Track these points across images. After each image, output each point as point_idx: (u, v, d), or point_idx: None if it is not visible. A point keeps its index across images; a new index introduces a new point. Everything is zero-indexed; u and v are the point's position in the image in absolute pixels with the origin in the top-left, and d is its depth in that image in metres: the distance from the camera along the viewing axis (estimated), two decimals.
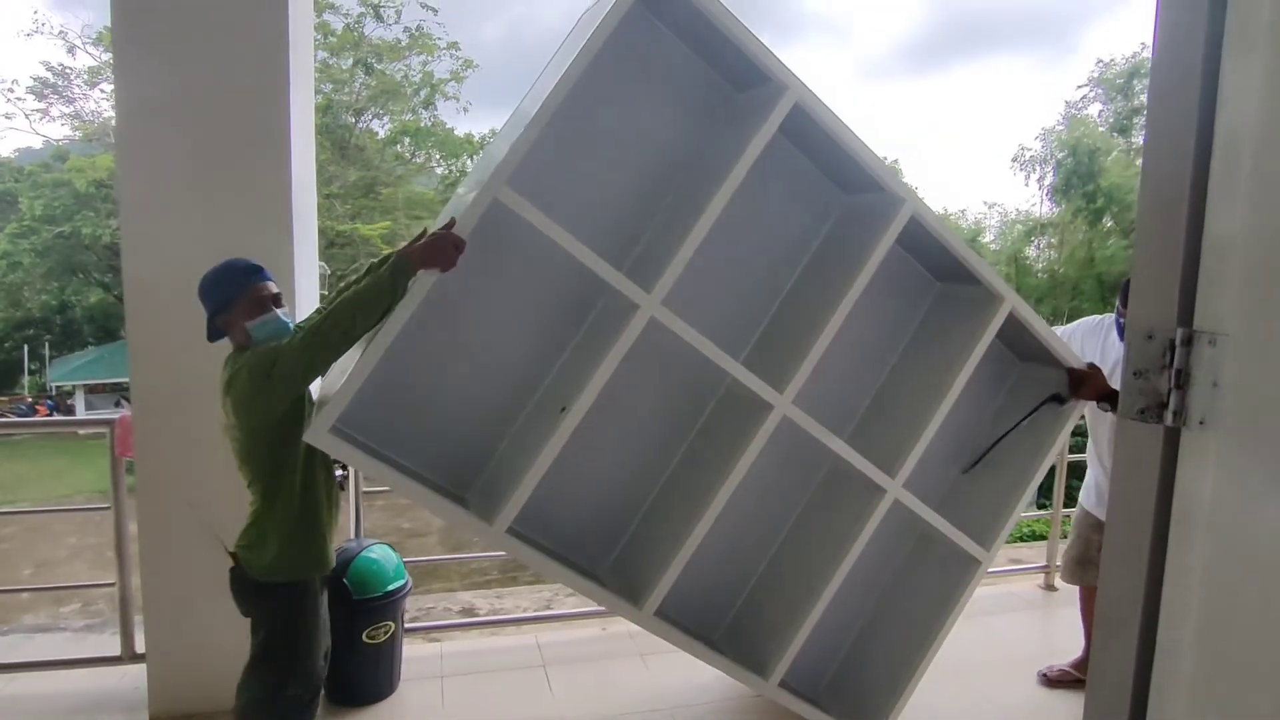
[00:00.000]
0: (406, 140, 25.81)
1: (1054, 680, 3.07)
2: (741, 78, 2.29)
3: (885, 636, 2.69)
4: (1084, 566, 2.97)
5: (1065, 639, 3.42)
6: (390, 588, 2.84)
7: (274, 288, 2.09)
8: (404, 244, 1.98)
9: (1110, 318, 2.92)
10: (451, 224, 1.90)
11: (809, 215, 2.51)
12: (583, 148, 2.21)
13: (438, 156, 26.63)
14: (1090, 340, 2.92)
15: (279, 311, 2.06)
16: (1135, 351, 0.77)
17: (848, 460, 2.36)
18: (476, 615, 3.78)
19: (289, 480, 2.03)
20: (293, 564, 2.06)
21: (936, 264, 2.60)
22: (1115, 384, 2.78)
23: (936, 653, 2.56)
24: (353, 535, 3.13)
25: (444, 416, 2.22)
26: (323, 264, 2.88)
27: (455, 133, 26.03)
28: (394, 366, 2.03)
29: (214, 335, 2.11)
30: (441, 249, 1.86)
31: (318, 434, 1.83)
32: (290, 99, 2.60)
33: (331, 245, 21.50)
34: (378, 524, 2.93)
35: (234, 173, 2.60)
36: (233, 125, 2.58)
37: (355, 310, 1.84)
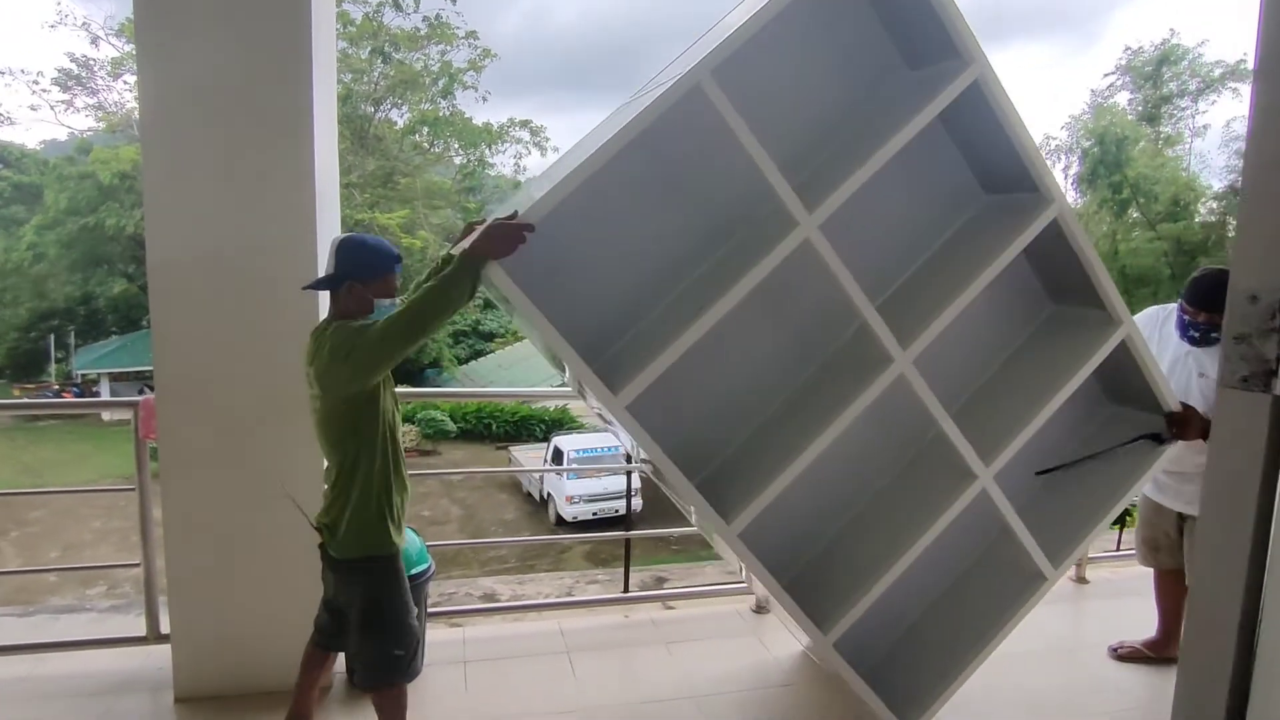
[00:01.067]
0: (425, 130, 25.86)
1: (1123, 656, 3.13)
2: (921, 52, 2.33)
3: (939, 631, 2.64)
4: (1154, 550, 3.01)
5: (1096, 630, 3.35)
6: (413, 571, 2.80)
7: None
8: (467, 238, 2.01)
9: (1170, 308, 2.81)
10: (513, 216, 1.93)
11: (944, 207, 2.52)
12: (753, 92, 2.18)
13: (456, 146, 26.67)
14: (1147, 332, 2.81)
15: (393, 301, 2.16)
16: (1237, 315, 0.71)
17: (948, 436, 2.34)
18: (498, 601, 3.77)
19: (368, 453, 2.08)
20: (377, 540, 2.12)
21: (1058, 278, 2.58)
22: (1173, 383, 2.72)
23: (986, 658, 2.50)
24: None
25: (581, 291, 2.21)
26: None
27: (473, 122, 26.06)
28: (549, 230, 2.02)
29: (329, 285, 2.12)
30: (501, 238, 1.90)
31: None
32: (314, 87, 2.56)
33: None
34: None
35: (258, 161, 2.56)
36: (256, 114, 2.54)
37: (428, 311, 1.91)
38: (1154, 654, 3.10)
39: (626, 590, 3.60)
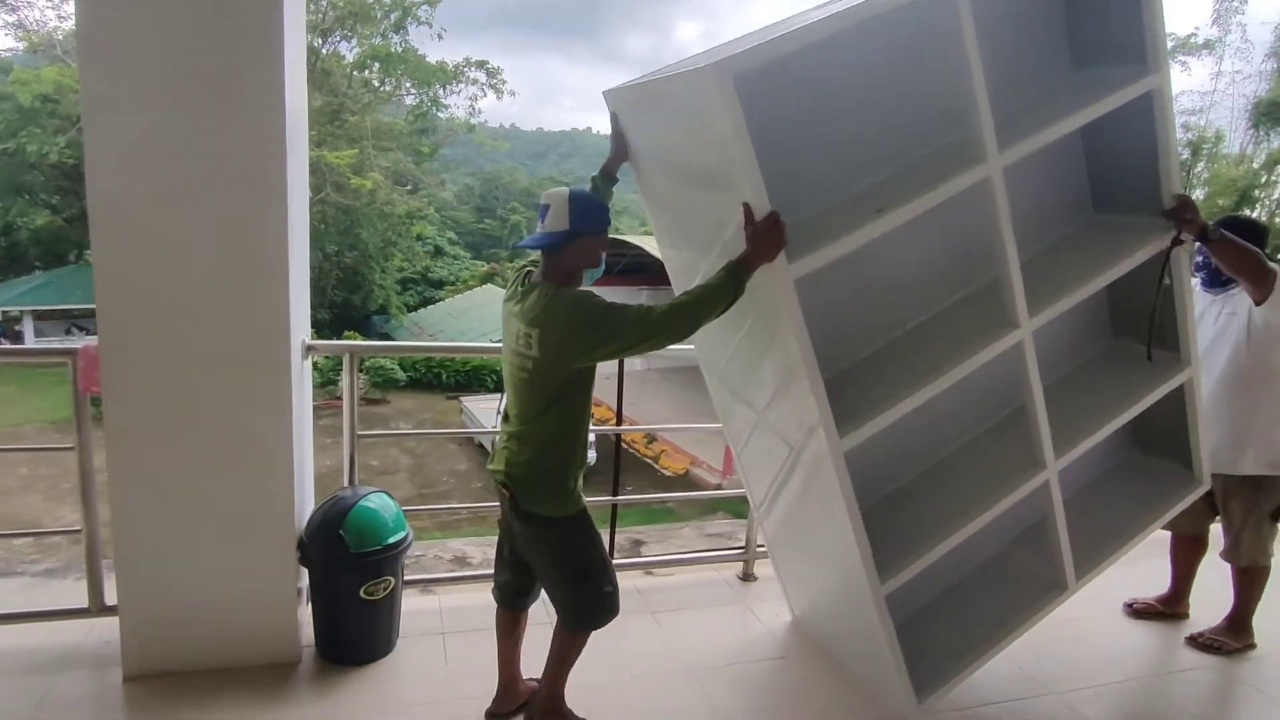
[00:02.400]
0: (375, 66, 24.71)
1: (1139, 612, 3.20)
2: (1095, 51, 2.38)
3: (952, 617, 2.62)
4: (1182, 514, 3.01)
5: (1083, 599, 3.31)
6: (391, 540, 2.60)
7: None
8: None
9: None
10: (773, 216, 1.93)
11: (1048, 215, 2.54)
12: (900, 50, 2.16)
13: (408, 85, 25.58)
14: None
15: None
16: None
17: (1036, 416, 2.34)
18: (470, 564, 3.58)
19: (578, 418, 2.13)
20: (577, 497, 2.18)
21: (1134, 310, 2.59)
22: (1204, 344, 2.74)
23: (997, 654, 2.51)
24: (346, 483, 2.88)
25: (781, 151, 2.09)
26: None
27: (427, 60, 24.97)
28: (782, 78, 2.02)
29: (553, 242, 2.06)
30: (770, 245, 1.93)
31: (726, 73, 1.76)
32: None
33: None
34: (342, 460, 2.79)
35: (219, 81, 2.22)
36: (216, 25, 2.20)
37: (700, 311, 1.95)
38: (1167, 609, 3.18)
39: (612, 557, 3.44)
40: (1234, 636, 2.98)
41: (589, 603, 2.23)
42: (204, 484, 2.42)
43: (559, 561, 2.21)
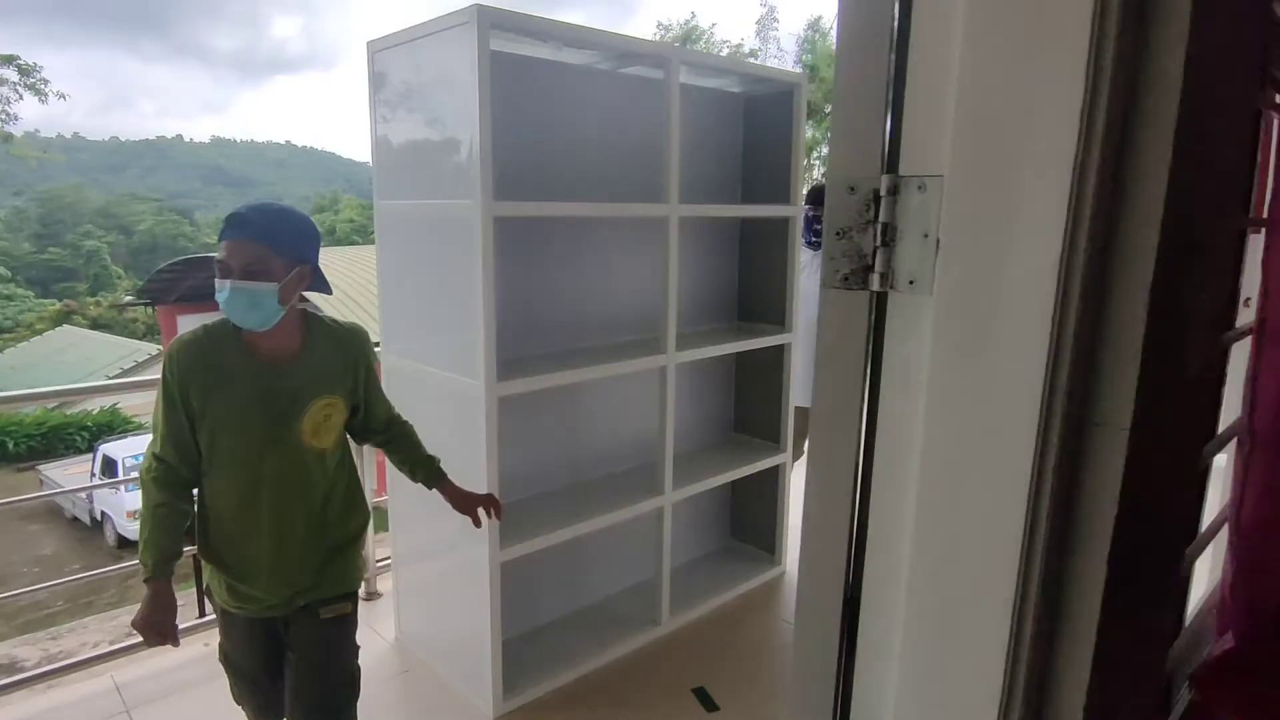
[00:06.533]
0: None
1: None
2: (758, 192, 3.27)
3: (560, 640, 2.87)
4: None
5: None
6: None
7: (222, 252, 1.65)
8: None
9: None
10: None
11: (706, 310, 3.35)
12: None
13: None
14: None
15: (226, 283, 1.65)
16: (836, 208, 0.68)
17: (665, 447, 2.83)
18: (22, 669, 2.88)
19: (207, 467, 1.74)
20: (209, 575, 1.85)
21: (751, 413, 3.47)
22: (807, 294, 3.20)
23: (586, 673, 2.78)
24: None
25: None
26: None
27: None
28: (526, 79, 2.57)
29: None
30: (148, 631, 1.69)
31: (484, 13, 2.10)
32: None
33: None
34: None
35: None
36: None
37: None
38: None
39: (203, 614, 3.01)
40: None
41: None
42: None
43: None
